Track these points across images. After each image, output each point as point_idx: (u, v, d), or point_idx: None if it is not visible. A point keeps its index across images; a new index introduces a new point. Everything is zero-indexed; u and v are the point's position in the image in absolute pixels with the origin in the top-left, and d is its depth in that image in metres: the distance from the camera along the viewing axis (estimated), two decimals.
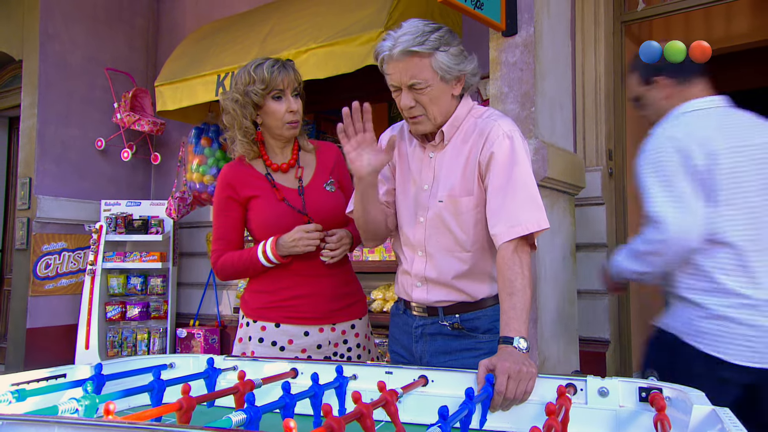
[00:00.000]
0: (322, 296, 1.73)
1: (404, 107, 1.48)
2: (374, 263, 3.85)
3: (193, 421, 0.94)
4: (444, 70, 1.43)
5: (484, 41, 2.62)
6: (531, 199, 1.41)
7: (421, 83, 1.43)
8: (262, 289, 1.75)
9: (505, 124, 1.48)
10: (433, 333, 1.56)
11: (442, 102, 1.47)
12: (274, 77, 1.69)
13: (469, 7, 2.30)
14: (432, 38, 1.42)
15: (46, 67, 4.87)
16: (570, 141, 2.81)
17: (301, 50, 3.56)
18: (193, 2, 5.44)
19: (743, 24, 4.72)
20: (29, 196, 4.78)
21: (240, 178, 1.75)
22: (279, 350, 1.71)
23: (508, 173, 1.42)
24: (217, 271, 1.76)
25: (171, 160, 5.37)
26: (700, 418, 0.91)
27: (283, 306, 1.72)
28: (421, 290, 1.55)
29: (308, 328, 1.72)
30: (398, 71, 1.44)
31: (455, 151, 1.51)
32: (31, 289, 4.76)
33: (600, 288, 3.52)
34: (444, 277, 1.52)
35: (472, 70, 1.50)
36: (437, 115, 1.47)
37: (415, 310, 1.59)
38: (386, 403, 0.96)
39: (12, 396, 1.04)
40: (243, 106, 1.71)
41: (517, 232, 1.38)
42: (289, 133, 1.74)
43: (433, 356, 1.55)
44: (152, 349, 4.83)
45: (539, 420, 1.15)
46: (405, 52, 1.41)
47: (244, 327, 1.77)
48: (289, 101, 1.71)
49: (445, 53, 1.43)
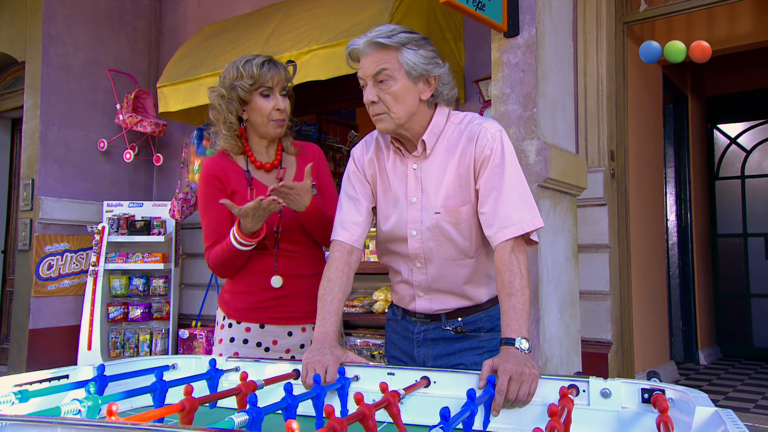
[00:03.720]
0: (305, 296, 1.72)
1: (366, 102, 1.46)
2: (375, 264, 3.84)
3: (196, 422, 0.95)
4: (410, 66, 1.42)
5: (486, 42, 2.62)
6: (523, 199, 1.41)
7: (386, 70, 1.41)
8: (244, 290, 1.73)
9: (491, 126, 1.47)
10: (435, 338, 1.55)
11: (407, 101, 1.44)
12: (263, 73, 1.67)
13: (470, 8, 2.30)
14: (401, 35, 1.43)
15: (49, 69, 4.88)
16: (572, 142, 2.81)
17: (303, 51, 3.56)
18: (194, 4, 5.45)
19: (746, 24, 4.71)
20: (32, 197, 4.79)
21: (224, 171, 1.72)
22: (264, 351, 1.70)
23: (499, 174, 1.42)
24: (210, 267, 1.73)
25: (173, 161, 5.37)
26: (703, 420, 0.91)
27: (267, 306, 1.71)
28: (423, 300, 1.54)
29: (292, 328, 1.72)
30: (366, 63, 1.44)
31: (441, 160, 1.49)
32: (34, 290, 4.76)
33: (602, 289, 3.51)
34: (450, 286, 1.51)
35: (442, 77, 1.48)
36: (401, 114, 1.43)
37: (415, 317, 1.58)
38: (388, 404, 0.96)
39: (15, 397, 1.05)
40: (228, 101, 1.69)
41: (512, 233, 1.38)
42: (275, 131, 1.72)
43: (436, 359, 1.55)
44: (154, 350, 4.83)
45: (542, 421, 1.14)
46: (372, 44, 1.42)
47: (225, 328, 1.74)
48: (277, 99, 1.69)
49: (412, 51, 1.42)
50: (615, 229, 3.59)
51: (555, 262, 2.53)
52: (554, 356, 2.48)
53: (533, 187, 2.42)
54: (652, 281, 4.59)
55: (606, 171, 3.54)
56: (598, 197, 3.51)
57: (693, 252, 5.58)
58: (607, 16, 3.57)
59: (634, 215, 3.96)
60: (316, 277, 1.74)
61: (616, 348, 3.50)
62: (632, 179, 3.95)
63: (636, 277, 3.91)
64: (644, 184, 4.50)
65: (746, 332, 5.90)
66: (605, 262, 3.51)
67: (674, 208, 5.58)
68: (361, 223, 1.55)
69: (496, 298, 1.52)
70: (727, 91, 6.15)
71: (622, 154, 3.69)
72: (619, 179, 3.67)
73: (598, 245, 3.53)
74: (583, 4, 3.61)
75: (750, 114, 6.11)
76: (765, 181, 6.02)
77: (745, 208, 6.05)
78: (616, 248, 3.59)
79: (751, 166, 6.10)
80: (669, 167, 5.56)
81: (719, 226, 6.13)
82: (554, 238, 2.53)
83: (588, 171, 3.25)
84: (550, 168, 2.41)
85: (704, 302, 5.77)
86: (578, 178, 2.71)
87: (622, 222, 3.66)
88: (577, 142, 3.57)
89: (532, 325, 2.36)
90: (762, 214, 5.95)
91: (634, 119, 4.15)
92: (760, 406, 3.91)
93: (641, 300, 4.18)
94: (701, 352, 5.52)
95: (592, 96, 3.58)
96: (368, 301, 3.92)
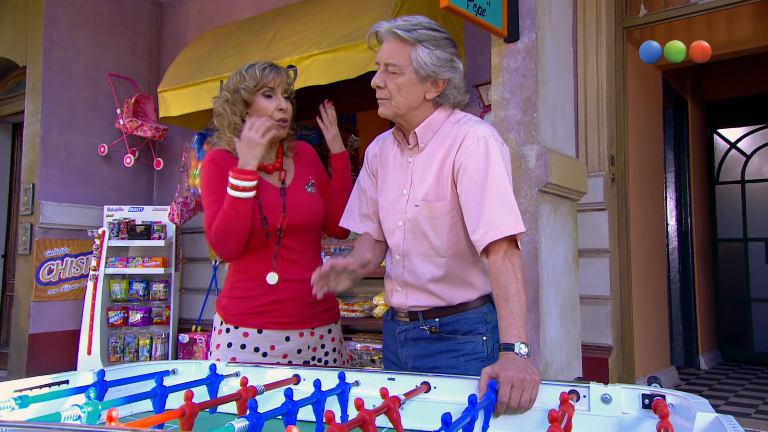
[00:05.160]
0: (303, 301, 1.73)
1: (373, 84, 1.52)
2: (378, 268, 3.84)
3: (196, 428, 0.94)
4: (420, 64, 1.45)
5: (486, 47, 2.63)
6: (505, 204, 1.41)
7: (394, 67, 1.46)
8: (242, 295, 1.74)
9: (480, 129, 1.48)
10: (415, 338, 1.57)
11: (410, 96, 1.48)
12: (265, 75, 1.71)
13: (471, 13, 2.31)
14: (422, 32, 1.45)
15: (50, 74, 4.89)
16: (572, 147, 2.81)
17: (304, 56, 3.57)
18: (195, 9, 5.47)
19: (746, 29, 4.72)
20: (32, 202, 4.80)
21: (228, 163, 1.72)
22: (261, 356, 1.70)
23: (482, 179, 1.42)
24: (212, 241, 1.67)
25: (173, 166, 5.38)
26: (704, 426, 0.91)
27: (265, 311, 1.71)
28: (400, 295, 1.57)
29: (289, 332, 1.72)
30: (383, 49, 1.49)
31: (431, 156, 1.52)
32: (34, 295, 4.76)
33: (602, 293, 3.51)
34: (420, 282, 1.53)
35: (453, 81, 1.50)
36: (401, 104, 1.49)
37: (398, 316, 1.60)
38: (389, 409, 0.95)
39: (15, 402, 1.04)
40: (233, 104, 1.73)
41: (492, 237, 1.38)
42: (277, 132, 1.74)
43: (416, 360, 1.56)
44: (154, 354, 4.83)
45: (542, 427, 1.14)
46: (390, 32, 1.47)
47: (223, 333, 1.74)
48: (279, 99, 1.73)
49: (427, 50, 1.45)
50: (615, 233, 3.59)
51: (555, 267, 2.53)
52: (554, 361, 2.48)
53: (533, 191, 2.43)
54: (652, 286, 4.59)
55: (606, 175, 3.54)
56: (599, 202, 3.51)
57: (693, 256, 5.58)
58: (606, 21, 3.58)
59: (635, 220, 3.96)
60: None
61: (616, 353, 3.50)
62: (632, 184, 3.95)
63: (636, 282, 3.91)
64: (644, 189, 4.50)
65: (747, 337, 5.90)
66: (605, 267, 3.50)
67: (674, 212, 5.58)
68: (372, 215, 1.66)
69: (473, 302, 1.53)
70: (727, 95, 6.16)
71: (622, 158, 3.70)
72: (619, 184, 3.67)
73: (598, 250, 3.53)
74: (583, 9, 3.62)
75: (750, 119, 6.12)
76: (765, 186, 6.03)
77: (745, 212, 6.05)
78: (616, 253, 3.59)
79: (751, 170, 6.10)
80: (669, 172, 5.56)
81: (719, 231, 6.13)
82: (554, 243, 2.53)
83: (588, 176, 3.25)
84: (551, 173, 2.41)
85: (705, 307, 5.76)
86: (578, 183, 2.71)
87: (623, 226, 3.66)
88: (577, 146, 3.58)
89: (532, 330, 2.35)
90: (762, 219, 5.96)
91: (634, 124, 4.16)
92: (761, 412, 3.90)
93: (642, 305, 4.18)
94: (702, 356, 5.52)
95: (592, 101, 3.59)
96: (368, 305, 3.91)
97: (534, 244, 2.39)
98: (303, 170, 1.84)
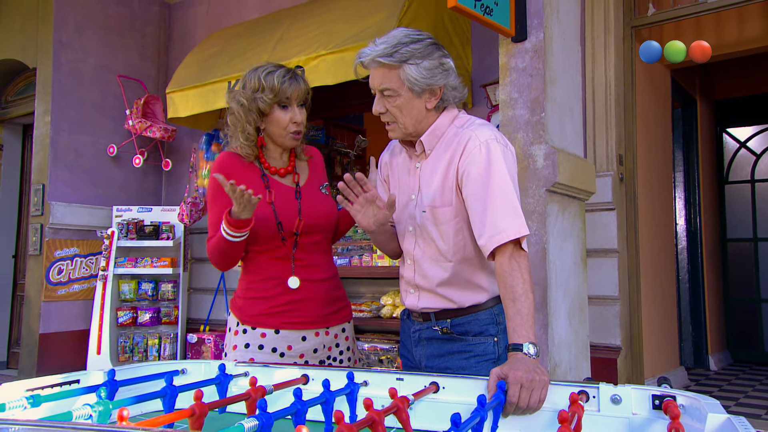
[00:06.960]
0: (318, 300, 1.74)
1: (375, 113, 1.54)
2: (384, 269, 3.84)
3: (206, 428, 0.95)
4: (412, 82, 1.46)
5: (493, 47, 2.62)
6: (508, 207, 1.42)
7: (389, 91, 1.48)
8: (258, 295, 1.74)
9: (483, 133, 1.48)
10: (429, 338, 1.59)
11: (413, 113, 1.50)
12: (284, 88, 1.69)
13: (478, 13, 2.30)
14: (403, 51, 1.45)
15: (60, 75, 4.92)
16: (580, 146, 2.80)
17: (311, 57, 3.58)
18: (203, 10, 5.49)
19: (755, 28, 4.69)
20: (42, 203, 4.83)
21: (237, 170, 1.73)
22: (279, 356, 1.70)
23: (485, 184, 1.43)
24: (209, 256, 1.72)
25: (182, 167, 5.40)
26: (715, 427, 0.90)
27: (282, 312, 1.71)
28: (413, 297, 1.60)
29: (306, 332, 1.73)
30: (372, 77, 1.52)
31: (437, 161, 1.53)
32: (44, 295, 4.80)
33: (611, 294, 3.50)
34: (430, 285, 1.55)
35: (451, 84, 1.51)
36: (407, 124, 1.51)
37: (413, 316, 1.63)
38: (398, 409, 0.96)
39: (27, 401, 1.05)
40: (248, 111, 1.72)
41: (497, 241, 1.39)
42: (292, 143, 1.76)
43: (429, 359, 1.59)
44: (163, 354, 4.85)
45: (552, 428, 1.14)
46: (374, 61, 1.48)
47: (239, 334, 1.74)
48: (294, 112, 1.73)
49: (414, 66, 1.45)
50: (624, 233, 3.57)
51: (563, 267, 2.52)
52: (563, 361, 2.47)
53: (541, 191, 2.42)
54: (661, 286, 4.56)
55: (614, 175, 3.52)
56: (607, 201, 3.50)
57: (702, 256, 5.54)
58: (614, 20, 3.56)
59: (643, 219, 3.94)
60: (329, 281, 1.79)
61: (625, 353, 3.48)
62: (641, 183, 3.93)
63: (645, 282, 3.89)
64: (653, 188, 4.47)
65: (757, 337, 5.85)
66: (614, 267, 3.49)
67: (683, 212, 5.55)
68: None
69: (483, 304, 1.54)
70: (736, 94, 6.11)
71: (630, 158, 3.68)
72: (627, 183, 3.65)
73: (606, 250, 3.52)
74: (591, 8, 3.60)
75: (759, 117, 6.07)
76: None
77: (755, 212, 6.00)
78: (624, 253, 3.57)
79: (761, 169, 6.05)
80: (678, 171, 5.53)
81: (729, 231, 6.09)
82: (563, 243, 2.52)
83: (596, 175, 3.24)
84: (559, 173, 2.40)
85: (714, 307, 5.72)
86: (587, 183, 2.70)
87: (631, 226, 3.64)
88: (585, 146, 3.56)
89: (540, 330, 2.35)
90: None
91: (643, 123, 4.14)
92: None
93: (650, 305, 4.16)
94: (711, 357, 5.48)
95: (600, 100, 3.57)
96: (376, 306, 3.91)
97: (542, 244, 2.39)
98: (316, 173, 1.86)
